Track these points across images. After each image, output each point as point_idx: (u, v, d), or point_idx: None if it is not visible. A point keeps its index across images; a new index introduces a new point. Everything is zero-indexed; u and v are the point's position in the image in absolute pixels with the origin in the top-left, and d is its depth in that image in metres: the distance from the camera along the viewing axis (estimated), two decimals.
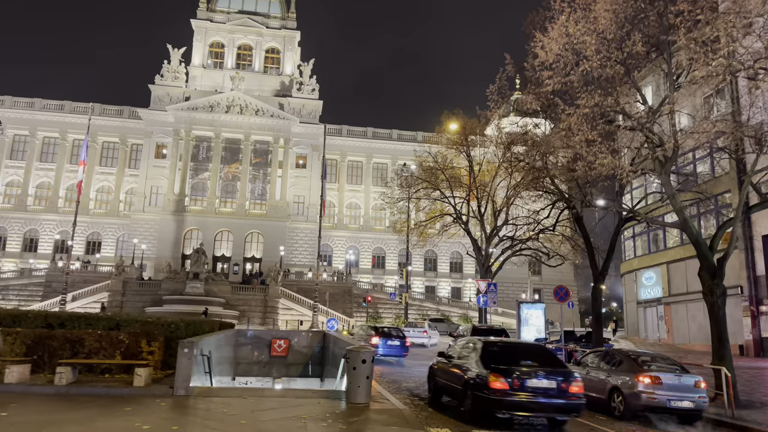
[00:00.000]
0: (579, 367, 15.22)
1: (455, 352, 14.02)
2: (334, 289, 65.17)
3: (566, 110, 14.49)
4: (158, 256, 72.78)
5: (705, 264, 15.62)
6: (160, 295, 57.61)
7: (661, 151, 15.15)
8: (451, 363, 13.53)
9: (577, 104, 14.29)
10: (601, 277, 21.54)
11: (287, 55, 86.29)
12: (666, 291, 39.89)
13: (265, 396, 11.28)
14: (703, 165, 34.30)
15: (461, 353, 13.54)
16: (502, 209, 33.29)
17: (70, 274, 59.20)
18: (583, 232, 22.04)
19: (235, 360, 20.19)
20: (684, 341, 37.90)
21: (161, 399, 10.33)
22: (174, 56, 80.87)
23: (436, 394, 14.28)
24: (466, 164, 34.59)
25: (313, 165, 79.19)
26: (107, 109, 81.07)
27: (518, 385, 11.34)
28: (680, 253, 38.64)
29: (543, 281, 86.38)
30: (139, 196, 76.44)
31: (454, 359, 13.57)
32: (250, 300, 60.34)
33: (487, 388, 11.32)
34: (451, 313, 69.40)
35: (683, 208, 16.35)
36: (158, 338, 13.04)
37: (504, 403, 11.22)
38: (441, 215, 35.78)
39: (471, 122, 33.86)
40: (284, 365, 20.28)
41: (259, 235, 76.69)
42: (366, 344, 11.26)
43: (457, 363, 13.24)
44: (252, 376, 20.26)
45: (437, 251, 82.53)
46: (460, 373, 12.62)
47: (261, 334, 20.58)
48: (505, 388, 11.24)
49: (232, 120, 77.55)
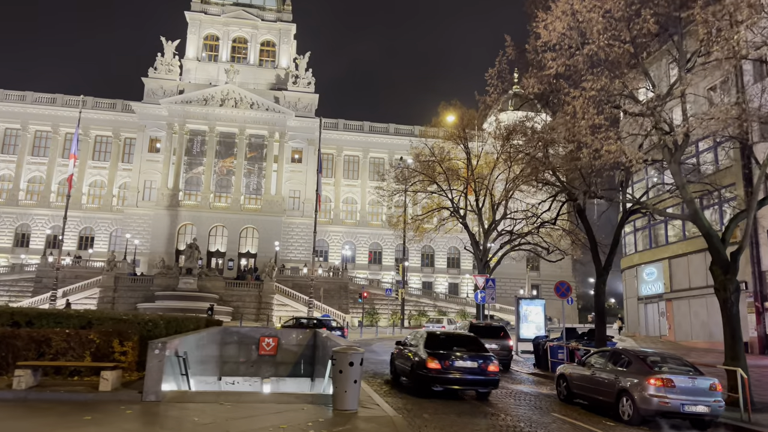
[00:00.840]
0: (584, 367, 14.30)
1: (408, 341, 17.13)
2: (329, 285, 64.28)
3: (571, 93, 13.51)
4: (152, 252, 71.78)
5: (717, 258, 14.68)
6: (153, 291, 56.65)
7: (671, 138, 14.22)
8: (405, 350, 16.65)
9: (582, 87, 13.33)
10: (604, 272, 20.61)
11: (283, 48, 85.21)
12: (667, 287, 39.01)
13: (244, 401, 10.32)
14: (706, 157, 33.36)
15: (412, 342, 16.72)
16: (501, 203, 32.30)
17: (61, 269, 58.39)
18: (586, 225, 21.09)
19: (222, 359, 19.24)
20: (686, 338, 37.05)
21: (128, 406, 9.37)
22: (168, 49, 79.75)
23: (395, 375, 17.60)
24: (464, 157, 33.61)
25: (309, 159, 78.19)
26: (100, 103, 79.93)
27: (449, 365, 14.70)
28: (682, 248, 37.78)
29: (541, 277, 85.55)
30: (133, 191, 75.41)
31: (408, 347, 16.65)
32: (244, 296, 59.40)
33: (426, 368, 14.60)
34: (449, 309, 68.57)
35: (693, 199, 15.41)
36: (132, 337, 12.07)
37: (438, 380, 14.55)
38: (438, 209, 34.77)
39: (469, 113, 32.87)
40: (273, 364, 19.35)
41: (254, 230, 75.73)
42: (353, 345, 10.31)
43: (409, 350, 16.32)
44: (239, 375, 19.33)
45: (434, 247, 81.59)
46: (410, 357, 15.80)
47: (249, 332, 19.62)
48: (438, 368, 14.59)
49: (227, 113, 76.48)
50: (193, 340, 13.26)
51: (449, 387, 14.56)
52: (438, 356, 14.59)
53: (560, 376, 15.14)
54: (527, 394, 15.80)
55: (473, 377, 14.61)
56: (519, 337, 27.62)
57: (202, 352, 17.14)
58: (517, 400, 14.57)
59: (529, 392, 16.20)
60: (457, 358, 14.73)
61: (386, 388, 16.05)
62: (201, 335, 14.97)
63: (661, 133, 14.78)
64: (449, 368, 14.52)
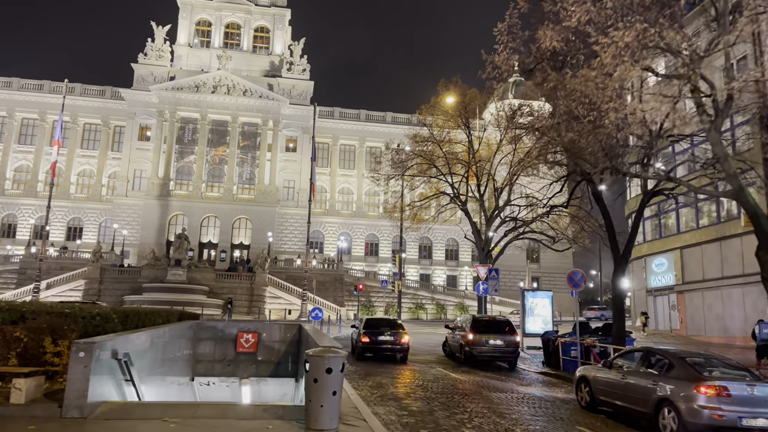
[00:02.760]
0: (610, 369, 12.14)
1: (358, 325, 23.28)
2: (324, 277, 62.17)
3: (601, 40, 11.36)
4: (142, 243, 69.55)
5: (765, 242, 12.60)
6: (140, 283, 54.48)
7: (712, 101, 12.13)
8: (356, 332, 23.08)
9: (612, 37, 11.20)
10: (623, 260, 18.50)
11: (277, 34, 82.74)
12: (679, 278, 36.97)
13: (197, 417, 8.20)
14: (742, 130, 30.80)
15: (358, 325, 23.25)
16: (504, 188, 30.15)
17: (45, 260, 56.17)
18: (602, 208, 18.97)
19: (195, 357, 17.16)
20: (698, 333, 35.03)
21: (38, 425, 7.25)
22: (158, 34, 77.26)
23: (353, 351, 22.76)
24: (465, 139, 31.43)
25: (304, 148, 75.83)
26: (88, 89, 77.46)
27: (375, 339, 21.22)
28: (696, 237, 35.73)
29: (542, 269, 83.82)
30: (122, 180, 73.11)
31: (356, 329, 23.45)
32: (236, 288, 57.26)
33: (360, 341, 21.44)
34: (447, 302, 66.52)
35: (737, 174, 13.30)
36: (69, 335, 9.93)
37: (367, 349, 21.29)
38: (438, 195, 32.56)
39: (471, 92, 30.66)
40: (253, 363, 17.26)
41: (247, 221, 73.54)
42: (334, 347, 8.16)
43: (356, 331, 23.16)
44: (215, 375, 17.23)
45: (432, 238, 79.58)
46: (356, 337, 22.52)
47: (225, 327, 17.53)
48: (368, 342, 21.24)
49: (219, 101, 74.11)
50: (145, 338, 11.11)
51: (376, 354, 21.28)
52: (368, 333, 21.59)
53: (581, 380, 12.99)
54: (541, 399, 13.71)
55: (390, 347, 21.29)
56: (524, 331, 25.51)
57: (169, 351, 15.04)
58: (532, 408, 12.47)
59: (542, 397, 14.12)
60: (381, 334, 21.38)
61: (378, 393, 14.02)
62: (160, 331, 12.83)
63: (700, 96, 12.67)
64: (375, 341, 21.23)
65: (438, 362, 21.32)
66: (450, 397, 13.09)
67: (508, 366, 20.62)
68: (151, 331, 11.84)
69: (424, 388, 14.11)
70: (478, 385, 15.44)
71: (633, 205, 29.34)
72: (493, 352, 20.29)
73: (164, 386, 14.99)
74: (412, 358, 22.15)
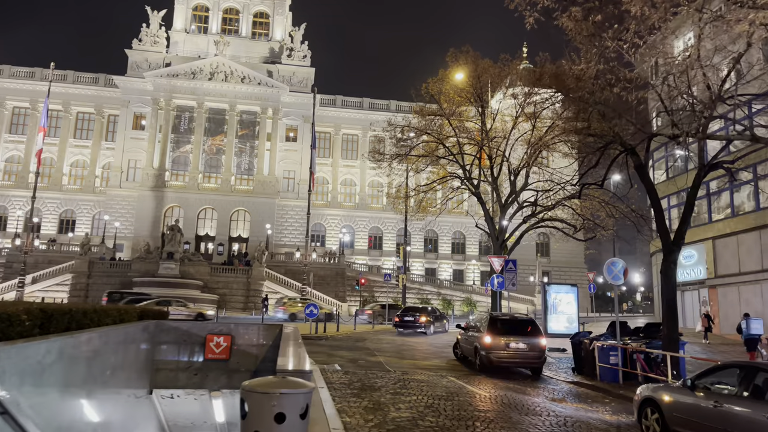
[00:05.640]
0: (695, 392, 8.94)
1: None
2: (325, 271, 59.20)
3: None
4: (136, 236, 66.73)
5: None
6: (131, 277, 51.61)
7: None
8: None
9: None
10: (674, 246, 15.39)
11: (277, 20, 79.71)
12: (711, 272, 33.77)
13: None
14: None
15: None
16: (522, 169, 26.95)
17: (32, 254, 53.40)
18: (648, 184, 15.83)
19: (154, 365, 14.13)
20: (734, 331, 31.77)
21: None
22: (153, 19, 74.37)
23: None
24: (476, 116, 28.22)
25: (305, 137, 72.69)
26: (81, 77, 74.73)
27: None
28: (730, 226, 32.51)
29: (551, 263, 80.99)
30: (116, 171, 70.29)
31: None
32: (231, 283, 54.34)
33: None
34: (454, 297, 63.51)
35: None
36: None
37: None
38: (446, 178, 29.31)
39: (483, 63, 27.41)
40: (225, 372, 14.20)
41: (245, 213, 70.60)
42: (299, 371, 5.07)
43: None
44: (179, 387, 14.21)
45: (438, 231, 76.63)
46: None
47: (192, 328, 14.48)
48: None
49: (216, 88, 71.11)
50: (59, 347, 8.02)
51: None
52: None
53: (647, 402, 9.81)
54: (589, 426, 10.46)
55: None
56: (547, 331, 22.38)
57: (118, 358, 12.03)
58: None
59: (589, 420, 10.87)
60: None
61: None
62: (84, 338, 9.73)
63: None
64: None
65: (449, 369, 18.19)
66: (471, 424, 9.99)
67: (532, 373, 17.51)
68: (65, 339, 8.76)
69: (436, 410, 10.97)
70: (502, 402, 12.35)
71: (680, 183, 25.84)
72: (515, 358, 17.16)
73: (112, 402, 11.97)
74: (419, 363, 19.09)
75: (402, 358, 20.46)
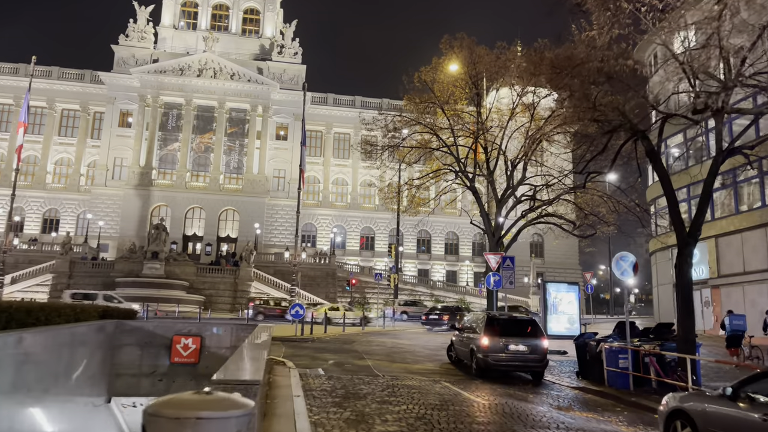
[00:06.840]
0: (737, 403, 7.47)
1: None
2: (315, 272, 57.76)
3: None
4: (122, 236, 65.00)
5: None
6: (113, 278, 49.95)
7: None
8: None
9: None
10: (690, 239, 14.11)
11: (268, 16, 78.19)
12: (714, 271, 32.55)
13: None
14: None
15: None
16: (520, 161, 25.61)
17: (12, 253, 51.67)
18: (660, 171, 14.54)
19: (113, 370, 12.68)
20: None
21: None
22: (141, 15, 72.71)
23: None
24: (471, 101, 26.88)
25: (295, 136, 71.10)
26: (66, 73, 72.99)
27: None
28: (734, 223, 31.31)
29: (546, 264, 79.89)
30: (101, 169, 68.57)
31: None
32: (218, 283, 52.79)
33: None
34: (447, 298, 62.19)
35: None
36: None
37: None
38: (440, 171, 27.89)
39: (479, 50, 26.07)
40: (192, 377, 12.78)
41: (234, 212, 69.02)
42: (234, 382, 3.66)
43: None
44: (141, 395, 12.75)
45: (431, 231, 75.37)
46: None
47: (156, 329, 13.04)
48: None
49: (205, 85, 69.54)
50: None
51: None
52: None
53: (676, 414, 8.36)
54: None
55: None
56: (547, 332, 21.04)
57: (71, 362, 10.60)
58: None
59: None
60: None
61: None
62: (9, 339, 8.27)
63: None
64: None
65: (443, 373, 16.78)
66: None
67: (533, 378, 16.12)
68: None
69: (428, 422, 9.52)
70: (503, 412, 10.93)
71: (694, 174, 24.21)
72: (515, 361, 15.76)
73: (60, 411, 10.53)
74: (411, 367, 17.67)
75: (392, 361, 19.04)
